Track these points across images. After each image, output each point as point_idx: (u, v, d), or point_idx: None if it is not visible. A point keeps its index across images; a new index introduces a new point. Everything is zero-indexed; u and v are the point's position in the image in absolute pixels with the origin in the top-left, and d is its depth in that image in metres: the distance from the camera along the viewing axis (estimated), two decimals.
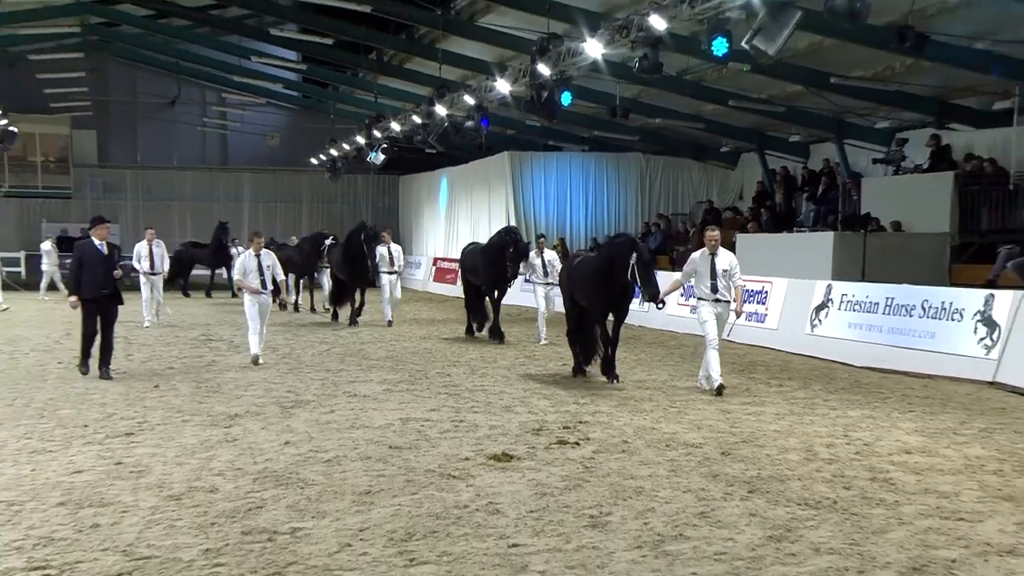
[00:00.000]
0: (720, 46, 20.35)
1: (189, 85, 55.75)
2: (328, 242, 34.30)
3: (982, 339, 19.18)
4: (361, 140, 44.76)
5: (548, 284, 25.90)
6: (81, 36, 48.25)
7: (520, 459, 12.10)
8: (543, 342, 25.29)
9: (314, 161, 53.24)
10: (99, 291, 18.44)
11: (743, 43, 19.35)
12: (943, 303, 20.44)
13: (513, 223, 41.75)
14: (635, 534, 9.13)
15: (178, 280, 41.45)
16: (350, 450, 12.67)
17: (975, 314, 19.51)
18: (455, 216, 49.70)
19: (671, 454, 12.47)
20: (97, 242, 18.68)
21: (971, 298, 19.97)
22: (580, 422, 14.53)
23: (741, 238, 31.10)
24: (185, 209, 55.32)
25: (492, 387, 17.92)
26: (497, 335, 25.91)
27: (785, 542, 8.96)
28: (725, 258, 17.37)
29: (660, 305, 17.79)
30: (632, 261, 17.62)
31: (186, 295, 41.78)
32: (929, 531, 9.36)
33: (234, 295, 38.56)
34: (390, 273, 29.73)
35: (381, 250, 29.35)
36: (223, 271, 42.48)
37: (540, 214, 42.75)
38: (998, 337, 18.86)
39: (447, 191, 50.57)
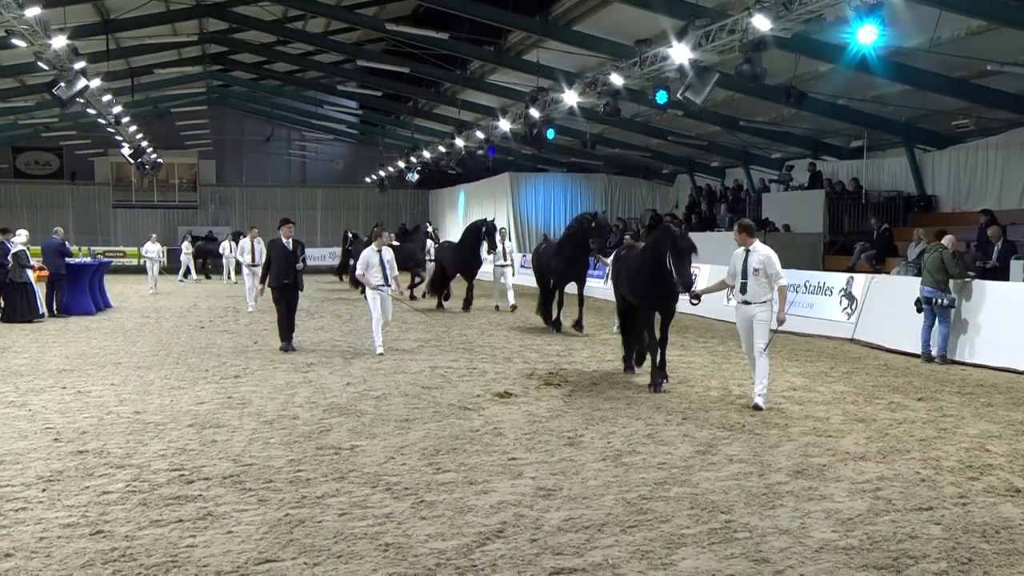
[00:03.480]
0: (661, 97, 20.43)
1: (280, 126, 55.65)
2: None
3: (845, 308, 19.25)
4: (402, 164, 44.75)
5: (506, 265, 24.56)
6: (206, 95, 48.45)
7: (517, 396, 12.08)
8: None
9: (368, 180, 53.18)
10: (282, 281, 16.59)
11: (677, 95, 19.37)
12: (818, 282, 20.53)
13: (511, 227, 41.86)
14: (600, 450, 9.11)
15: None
16: (393, 389, 12.66)
17: (840, 291, 19.59)
18: (470, 220, 49.51)
19: (627, 392, 12.46)
20: (284, 240, 16.73)
21: (837, 279, 20.09)
22: (561, 369, 14.51)
23: None
24: (277, 216, 55.19)
25: (496, 344, 17.90)
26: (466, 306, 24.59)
27: (708, 455, 8.95)
28: (756, 256, 11.56)
29: (695, 301, 12.36)
30: (667, 250, 12.41)
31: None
32: (808, 445, 9.36)
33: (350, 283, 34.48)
34: (503, 265, 24.94)
35: (499, 245, 24.66)
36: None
37: (532, 219, 42.95)
38: (856, 307, 18.96)
39: (464, 202, 50.43)
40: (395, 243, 27.75)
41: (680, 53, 18.48)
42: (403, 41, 29.21)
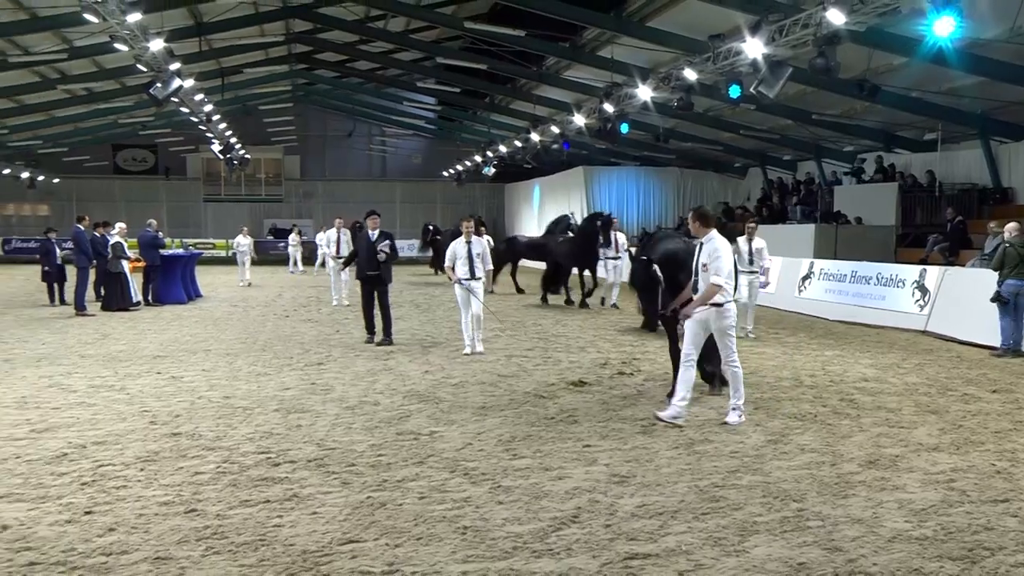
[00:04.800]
0: (735, 91, 20.15)
1: (361, 122, 56.30)
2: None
3: (917, 300, 18.79)
4: (478, 158, 44.86)
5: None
6: (291, 93, 49.29)
7: (591, 385, 12.06)
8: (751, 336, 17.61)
9: (445, 174, 53.48)
10: (365, 272, 16.00)
11: (750, 89, 19.11)
12: (890, 275, 20.08)
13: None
14: (674, 439, 9.05)
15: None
16: (470, 377, 12.72)
17: (913, 283, 19.12)
18: (544, 213, 49.55)
19: (699, 381, 12.31)
20: (370, 231, 16.16)
21: (909, 271, 19.61)
22: (634, 359, 14.44)
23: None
24: (357, 209, 55.71)
25: (571, 334, 17.88)
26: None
27: (780, 444, 8.83)
28: (706, 249, 11.14)
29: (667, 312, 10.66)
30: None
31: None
32: (880, 436, 9.18)
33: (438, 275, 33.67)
34: (614, 258, 23.13)
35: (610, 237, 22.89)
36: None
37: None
38: (928, 299, 18.49)
39: (539, 195, 50.40)
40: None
41: (753, 48, 18.22)
42: (480, 38, 29.30)
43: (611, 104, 25.91)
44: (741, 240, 17.14)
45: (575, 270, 23.78)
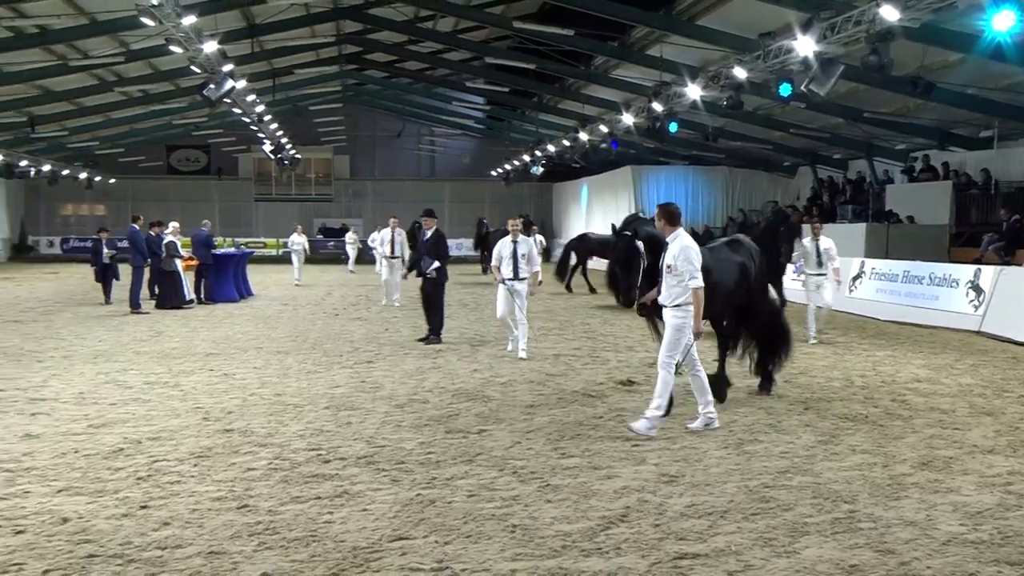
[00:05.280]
0: (785, 90, 19.96)
1: (410, 122, 56.55)
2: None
3: (971, 300, 18.47)
4: (526, 158, 44.91)
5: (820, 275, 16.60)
6: (341, 93, 49.67)
7: (639, 384, 12.01)
8: (812, 341, 16.09)
9: (493, 173, 53.56)
10: (422, 273, 15.99)
11: (801, 87, 18.90)
12: (944, 274, 19.77)
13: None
14: (722, 438, 9.00)
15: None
16: (518, 376, 12.74)
17: (967, 283, 18.81)
18: (592, 213, 49.47)
19: (747, 381, 12.24)
20: (425, 231, 16.23)
21: (964, 271, 19.31)
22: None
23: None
24: (406, 208, 56.06)
25: (619, 333, 17.83)
26: None
27: (831, 445, 8.74)
28: (672, 249, 10.26)
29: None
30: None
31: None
32: (933, 437, 9.05)
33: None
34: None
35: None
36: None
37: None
38: (983, 299, 18.17)
39: (587, 195, 50.28)
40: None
41: (805, 45, 18.03)
42: (529, 38, 29.31)
43: (660, 103, 25.79)
44: (807, 241, 16.57)
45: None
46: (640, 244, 9.90)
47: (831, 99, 22.58)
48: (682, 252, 8.94)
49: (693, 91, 23.96)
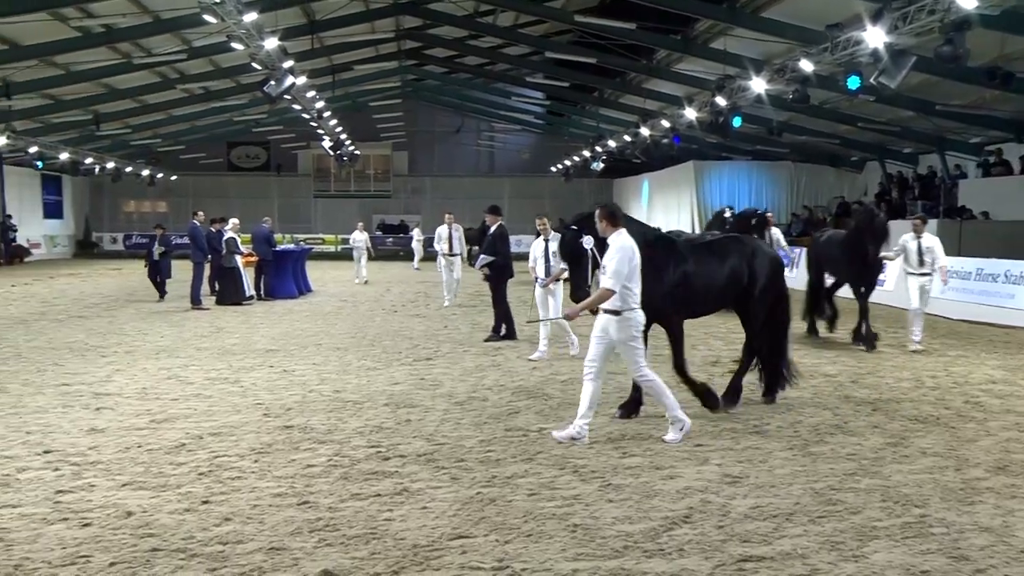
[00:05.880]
0: (854, 83, 19.62)
1: (469, 117, 56.78)
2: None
3: None
4: (587, 153, 44.82)
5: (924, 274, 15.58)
6: (400, 89, 49.98)
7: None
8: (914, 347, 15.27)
9: (553, 169, 53.51)
10: (483, 267, 16.16)
11: (870, 80, 18.59)
12: (1020, 272, 19.27)
13: (695, 216, 41.07)
14: (787, 439, 8.90)
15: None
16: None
17: None
18: (653, 209, 49.23)
19: (813, 382, 12.08)
20: (489, 227, 16.37)
21: None
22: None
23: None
24: (464, 205, 56.33)
25: None
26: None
27: (900, 447, 8.59)
28: (610, 250, 11.90)
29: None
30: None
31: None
32: (1009, 440, 8.86)
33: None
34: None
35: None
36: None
37: (715, 208, 41.91)
38: None
39: (648, 191, 50.03)
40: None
41: (875, 36, 17.71)
42: (590, 32, 29.23)
43: (723, 97, 25.57)
44: (908, 238, 15.61)
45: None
46: (586, 241, 9.36)
47: (901, 91, 22.13)
48: (616, 253, 8.55)
49: (758, 85, 23.72)
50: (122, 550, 5.90)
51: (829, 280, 17.04)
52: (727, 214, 23.10)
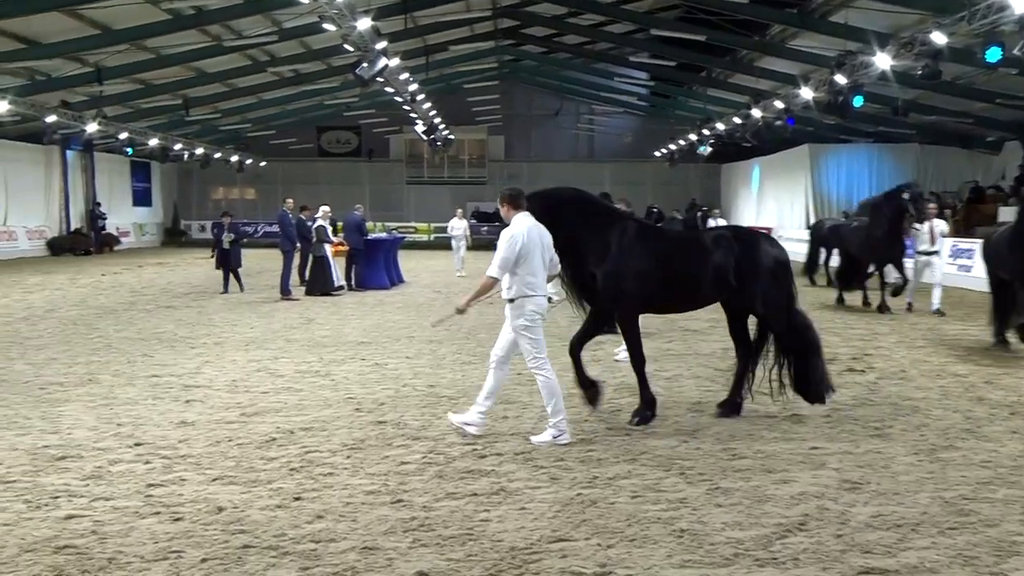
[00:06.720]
0: (994, 55, 18.97)
1: (568, 100, 56.72)
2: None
3: None
4: (693, 137, 44.40)
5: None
6: (497, 70, 50.28)
7: None
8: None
9: (657, 154, 53.10)
10: None
11: (1015, 51, 17.94)
12: None
13: (810, 203, 40.32)
14: (912, 443, 8.68)
15: None
16: (684, 371, 12.62)
17: None
18: (764, 196, 48.53)
19: (941, 382, 11.77)
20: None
21: None
22: (865, 354, 13.93)
23: (1003, 211, 29.15)
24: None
25: None
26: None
27: None
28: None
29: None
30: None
31: None
32: None
33: None
34: (929, 253, 18.81)
35: (923, 227, 18.63)
36: None
37: (833, 195, 41.13)
38: None
39: (759, 176, 49.31)
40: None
41: (1022, 1, 17.06)
42: (698, 7, 28.91)
43: (843, 75, 25.02)
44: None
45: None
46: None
47: None
48: (504, 240, 8.56)
49: (882, 60, 23.14)
50: (214, 546, 6.07)
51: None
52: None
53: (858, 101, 25.97)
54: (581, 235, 9.37)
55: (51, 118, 32.65)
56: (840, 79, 25.20)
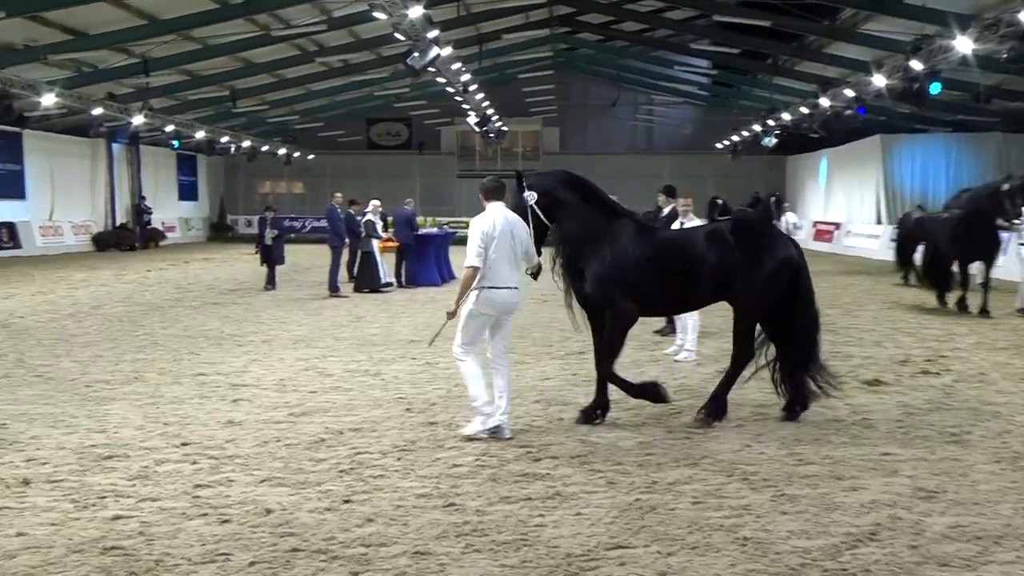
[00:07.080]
0: None
1: (626, 90, 56.51)
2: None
3: None
4: (757, 127, 44.11)
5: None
6: (552, 59, 50.26)
7: (889, 384, 11.57)
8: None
9: (719, 145, 52.73)
10: None
11: None
12: None
13: (882, 196, 39.76)
14: (993, 450, 8.54)
15: None
16: (747, 372, 12.48)
17: None
18: (832, 189, 47.95)
19: (997, 386, 11.56)
20: (663, 211, 15.89)
21: None
22: (941, 356, 13.72)
23: None
24: (620, 184, 55.98)
25: (863, 326, 17.21)
26: None
27: None
28: None
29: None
30: None
31: None
32: None
33: None
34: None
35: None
36: None
37: (907, 188, 40.43)
38: None
39: (826, 169, 48.74)
40: None
41: None
42: None
43: (920, 60, 24.63)
44: None
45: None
46: (531, 197, 9.95)
47: None
48: (473, 225, 9.25)
49: (963, 44, 22.71)
50: (262, 549, 6.14)
51: None
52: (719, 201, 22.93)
53: (935, 88, 25.47)
54: (573, 226, 9.85)
55: (97, 110, 33.24)
56: (916, 65, 24.81)
